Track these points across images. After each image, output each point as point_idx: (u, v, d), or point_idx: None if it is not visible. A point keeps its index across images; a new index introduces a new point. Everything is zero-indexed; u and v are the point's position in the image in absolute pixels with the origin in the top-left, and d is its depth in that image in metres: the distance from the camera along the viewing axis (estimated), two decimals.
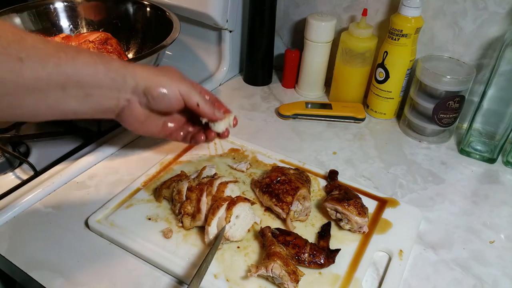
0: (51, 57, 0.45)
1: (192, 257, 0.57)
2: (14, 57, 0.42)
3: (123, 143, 0.78)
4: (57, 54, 0.45)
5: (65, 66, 0.46)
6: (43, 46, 0.45)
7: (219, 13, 0.91)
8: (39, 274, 0.55)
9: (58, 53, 0.45)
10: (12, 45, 0.42)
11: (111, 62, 0.51)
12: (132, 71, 0.52)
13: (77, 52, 0.47)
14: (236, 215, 0.58)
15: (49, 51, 0.45)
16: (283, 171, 0.67)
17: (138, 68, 0.53)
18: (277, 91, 1.00)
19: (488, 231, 0.66)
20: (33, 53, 0.43)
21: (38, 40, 0.45)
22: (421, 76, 0.80)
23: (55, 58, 0.45)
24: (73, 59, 0.46)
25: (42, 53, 0.44)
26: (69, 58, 0.46)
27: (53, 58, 0.45)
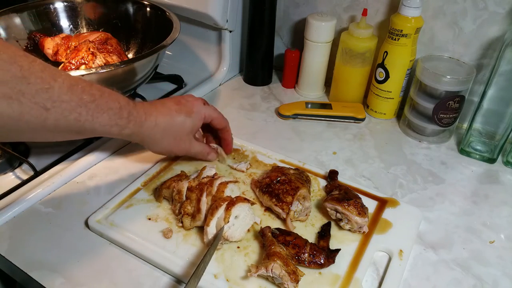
0: (73, 112, 0.49)
1: (192, 257, 0.57)
2: (41, 105, 0.46)
3: (124, 143, 0.78)
4: (78, 110, 0.49)
5: (84, 122, 0.50)
6: (68, 98, 0.48)
7: (219, 13, 0.91)
8: (39, 274, 0.55)
9: (80, 109, 0.49)
10: (41, 93, 0.45)
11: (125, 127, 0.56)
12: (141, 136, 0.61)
13: (98, 111, 0.52)
14: (235, 216, 0.58)
15: (72, 105, 0.49)
16: (283, 171, 0.67)
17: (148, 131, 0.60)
18: (277, 91, 1.00)
19: (488, 231, 0.66)
20: (58, 105, 0.47)
21: (64, 89, 0.48)
22: (421, 76, 0.80)
23: (76, 114, 0.49)
24: (92, 118, 0.51)
25: (65, 107, 0.48)
26: (89, 116, 0.51)
27: (74, 113, 0.49)
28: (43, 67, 0.46)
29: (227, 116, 0.90)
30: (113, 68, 0.70)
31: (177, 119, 0.62)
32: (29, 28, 0.89)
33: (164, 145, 0.64)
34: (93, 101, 0.51)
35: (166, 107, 0.62)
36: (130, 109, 0.56)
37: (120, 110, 0.54)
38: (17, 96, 0.43)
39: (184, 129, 0.64)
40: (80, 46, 0.81)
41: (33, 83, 0.44)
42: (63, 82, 0.47)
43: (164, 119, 0.61)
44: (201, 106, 0.66)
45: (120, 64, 0.72)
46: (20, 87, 0.43)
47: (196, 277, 0.50)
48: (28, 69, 0.44)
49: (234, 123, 0.87)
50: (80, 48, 0.81)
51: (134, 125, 0.57)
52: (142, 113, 0.58)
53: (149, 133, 0.60)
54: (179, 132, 0.63)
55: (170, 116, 0.62)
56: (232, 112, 0.91)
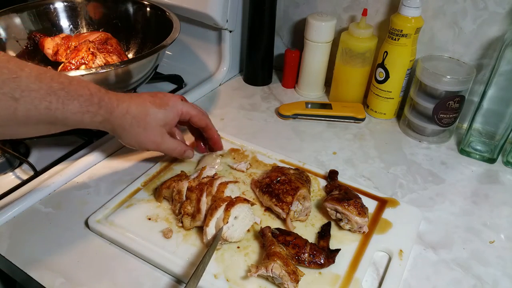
0: (43, 100, 0.48)
1: (192, 257, 0.57)
2: (9, 96, 0.45)
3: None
4: (48, 98, 0.48)
5: (54, 110, 0.50)
6: (37, 87, 0.47)
7: (219, 13, 0.91)
8: (39, 274, 0.55)
9: (49, 97, 0.49)
10: (8, 83, 0.45)
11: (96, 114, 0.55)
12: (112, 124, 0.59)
13: (69, 98, 0.51)
14: (234, 216, 0.58)
15: (42, 94, 0.48)
16: (283, 171, 0.67)
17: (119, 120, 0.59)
18: (277, 91, 1.00)
19: (488, 231, 0.66)
20: (27, 94, 0.46)
21: (32, 78, 0.47)
22: (421, 76, 0.80)
23: (47, 102, 0.48)
24: (63, 106, 0.50)
25: (34, 95, 0.47)
26: (59, 104, 0.50)
27: (44, 102, 0.48)
28: (8, 58, 0.46)
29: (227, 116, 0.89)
30: (113, 68, 0.70)
31: (149, 109, 0.61)
32: (29, 28, 0.89)
33: (134, 135, 0.62)
34: (62, 89, 0.50)
35: (140, 98, 0.62)
36: (101, 96, 0.55)
37: (90, 96, 0.54)
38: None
39: (155, 120, 0.62)
40: (80, 46, 0.81)
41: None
42: (30, 71, 0.47)
43: (136, 108, 0.60)
44: (178, 102, 0.65)
45: (120, 64, 0.72)
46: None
47: (195, 278, 0.50)
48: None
49: (234, 123, 0.87)
50: (80, 48, 0.81)
51: (105, 111, 0.56)
52: (114, 99, 0.57)
53: (120, 121, 0.59)
54: (150, 123, 0.62)
55: (143, 105, 0.61)
56: (232, 112, 0.91)
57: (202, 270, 0.52)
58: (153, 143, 0.64)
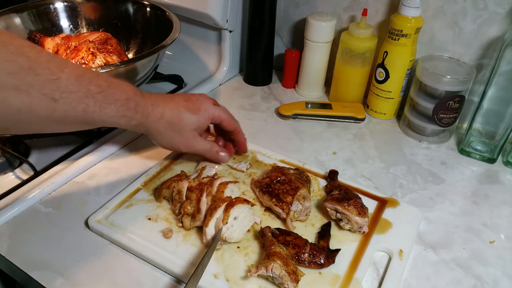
0: (81, 103, 0.49)
1: (192, 257, 0.57)
2: (49, 97, 0.46)
3: (123, 143, 0.78)
4: (86, 101, 0.49)
5: (92, 113, 0.51)
6: (76, 88, 0.48)
7: (219, 13, 0.91)
8: (39, 274, 0.55)
9: (87, 99, 0.49)
10: (49, 84, 0.46)
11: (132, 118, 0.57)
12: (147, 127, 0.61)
13: (106, 102, 0.52)
14: (234, 217, 0.58)
15: (80, 96, 0.49)
16: (283, 171, 0.67)
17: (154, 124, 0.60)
18: (277, 91, 1.00)
19: (488, 231, 0.66)
20: (66, 96, 0.47)
21: (72, 80, 0.48)
22: (421, 76, 0.80)
23: (84, 105, 0.49)
24: (100, 109, 0.51)
25: (73, 97, 0.48)
26: (97, 107, 0.51)
27: (82, 104, 0.49)
28: (50, 58, 0.46)
29: None
30: (113, 68, 0.70)
31: (183, 114, 0.63)
32: (29, 28, 0.89)
33: (168, 138, 0.64)
34: (100, 92, 0.51)
35: (174, 102, 0.63)
36: (137, 100, 0.56)
37: (127, 101, 0.55)
38: (26, 88, 0.44)
39: (188, 125, 0.64)
40: (80, 46, 0.81)
41: (41, 74, 0.45)
42: (70, 73, 0.48)
43: (170, 113, 0.61)
44: (210, 106, 0.66)
45: (120, 64, 0.72)
46: (28, 78, 0.44)
47: (195, 279, 0.50)
48: (35, 60, 0.44)
49: None
50: (80, 48, 0.81)
51: (141, 116, 0.58)
52: (149, 104, 0.59)
53: (154, 125, 0.61)
54: (183, 127, 0.63)
55: (176, 110, 0.62)
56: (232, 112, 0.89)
57: (201, 271, 0.52)
58: (186, 146, 0.66)
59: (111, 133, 0.80)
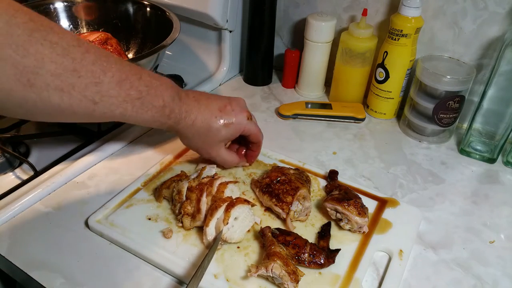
0: (119, 107, 0.50)
1: (192, 257, 0.57)
2: (90, 99, 0.47)
3: (123, 143, 0.78)
4: (124, 105, 0.51)
5: (128, 117, 0.52)
6: (116, 93, 0.49)
7: (219, 13, 0.91)
8: (39, 274, 0.55)
9: (125, 104, 0.51)
10: (90, 87, 0.46)
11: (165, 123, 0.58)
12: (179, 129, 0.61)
13: (143, 108, 0.53)
14: (234, 217, 0.58)
15: (119, 101, 0.50)
16: (283, 171, 0.67)
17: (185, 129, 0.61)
18: (277, 91, 1.00)
19: (488, 231, 0.66)
20: (106, 100, 0.48)
21: (113, 84, 0.49)
22: (421, 76, 0.80)
23: (122, 109, 0.51)
24: (136, 115, 0.53)
25: (113, 101, 0.49)
26: (134, 112, 0.52)
27: (120, 109, 0.50)
28: (95, 59, 0.47)
29: None
30: None
31: (213, 125, 0.62)
32: None
33: (194, 143, 0.65)
34: (139, 98, 0.52)
35: (208, 111, 0.62)
36: (173, 107, 0.57)
37: (163, 108, 0.56)
38: (68, 89, 0.44)
39: (217, 136, 0.64)
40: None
41: (84, 77, 0.45)
42: (112, 76, 0.48)
43: (202, 122, 0.62)
44: (243, 120, 0.65)
45: None
46: (71, 80, 0.44)
47: (195, 280, 0.50)
48: (80, 62, 0.45)
49: None
50: None
51: (173, 121, 0.59)
52: (183, 110, 0.59)
53: (184, 130, 0.62)
54: (211, 137, 0.64)
55: (208, 120, 0.62)
56: None
57: (201, 274, 0.52)
58: (208, 154, 0.67)
59: (111, 133, 0.80)
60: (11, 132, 0.78)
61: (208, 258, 0.54)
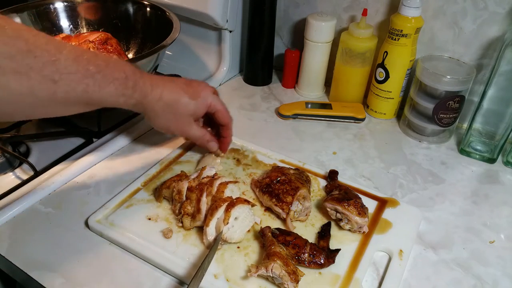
0: (81, 83, 0.49)
1: (192, 257, 0.57)
2: (49, 78, 0.46)
3: (123, 143, 0.78)
4: (86, 81, 0.50)
5: (91, 93, 0.51)
6: (75, 69, 0.48)
7: (219, 13, 0.91)
8: (39, 274, 0.55)
9: (87, 79, 0.50)
10: (48, 66, 0.46)
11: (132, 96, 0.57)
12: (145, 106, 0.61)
13: (105, 81, 0.52)
14: (234, 217, 0.58)
15: (79, 77, 0.49)
16: (283, 171, 0.67)
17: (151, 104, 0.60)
18: (277, 91, 1.00)
19: (488, 231, 0.66)
20: (65, 77, 0.47)
21: (70, 61, 0.48)
22: (421, 76, 0.80)
23: (84, 85, 0.50)
24: (100, 88, 0.51)
25: (72, 78, 0.48)
26: (96, 86, 0.51)
27: (82, 85, 0.49)
28: (48, 40, 0.46)
29: None
30: None
31: (182, 98, 0.63)
32: None
33: (164, 120, 0.64)
34: (99, 72, 0.51)
35: (174, 84, 0.63)
36: (136, 79, 0.56)
37: (126, 80, 0.55)
38: (25, 70, 0.44)
39: (186, 110, 0.64)
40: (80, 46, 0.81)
41: (39, 56, 0.45)
42: (68, 53, 0.48)
43: (169, 95, 0.61)
44: (209, 94, 0.66)
45: None
46: (27, 61, 0.44)
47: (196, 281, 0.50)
48: (33, 43, 0.44)
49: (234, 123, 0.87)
50: None
51: (139, 95, 0.57)
52: (148, 84, 0.59)
53: (152, 106, 0.61)
54: (181, 110, 0.63)
55: (176, 93, 0.62)
56: (232, 112, 0.89)
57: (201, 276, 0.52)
58: (181, 130, 0.67)
59: (111, 133, 0.80)
60: (11, 132, 0.78)
61: (208, 259, 0.54)
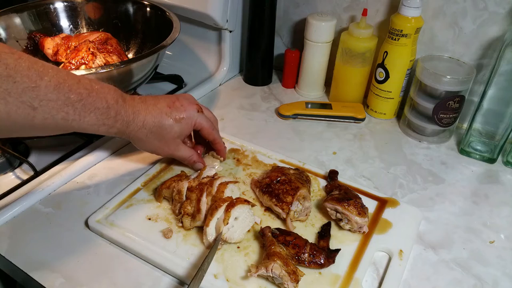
0: (60, 111, 0.49)
1: (192, 257, 0.57)
2: (28, 104, 0.45)
3: (124, 143, 0.78)
4: (66, 109, 0.49)
5: (71, 122, 0.50)
6: (55, 97, 0.47)
7: (219, 13, 0.91)
8: (39, 274, 0.55)
9: (67, 108, 0.49)
10: (27, 92, 0.45)
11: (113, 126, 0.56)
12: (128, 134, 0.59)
13: (85, 111, 0.51)
14: (235, 217, 0.58)
15: (59, 104, 0.48)
16: (283, 171, 0.67)
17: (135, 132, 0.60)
18: (277, 91, 1.00)
19: (488, 231, 0.66)
20: (45, 104, 0.47)
21: (51, 88, 0.47)
22: (421, 76, 0.80)
23: (64, 113, 0.49)
24: (80, 117, 0.51)
25: (52, 106, 0.47)
26: (76, 115, 0.50)
27: (62, 113, 0.49)
28: (30, 65, 0.45)
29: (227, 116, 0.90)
30: (113, 68, 0.70)
31: (165, 122, 0.61)
32: (29, 28, 0.89)
33: (149, 145, 0.63)
34: (80, 101, 0.50)
35: (157, 108, 0.61)
36: (118, 109, 0.55)
37: (107, 109, 0.54)
38: (3, 95, 0.43)
39: (171, 133, 0.63)
40: (80, 46, 0.81)
41: (19, 82, 0.44)
42: (49, 80, 0.47)
43: (152, 121, 0.60)
44: (193, 113, 0.64)
45: (120, 64, 0.72)
46: (5, 86, 0.43)
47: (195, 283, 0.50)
48: (13, 67, 0.44)
49: (234, 123, 0.87)
50: (80, 48, 0.81)
51: (121, 124, 0.57)
52: (130, 112, 0.58)
53: (135, 133, 0.60)
54: (165, 135, 0.62)
55: (159, 118, 0.61)
56: (232, 112, 0.91)
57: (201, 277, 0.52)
58: (166, 153, 0.66)
59: None
60: None
61: (208, 260, 0.54)
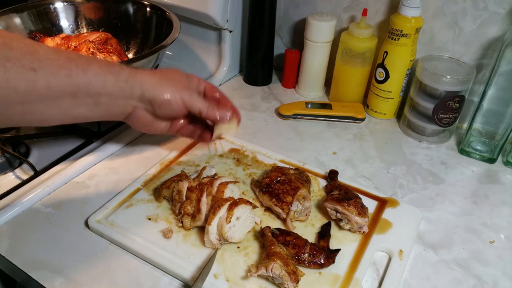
0: (63, 68, 0.47)
1: (192, 257, 0.57)
2: (28, 67, 0.44)
3: (123, 143, 0.78)
4: (68, 65, 0.47)
5: (76, 76, 0.48)
6: (55, 57, 0.46)
7: (219, 13, 0.91)
8: (39, 274, 0.55)
9: (69, 64, 0.48)
10: (26, 56, 0.44)
11: (120, 72, 0.53)
12: (139, 80, 0.55)
13: (88, 63, 0.50)
14: (236, 217, 0.58)
15: (61, 62, 0.47)
16: (283, 171, 0.67)
17: (145, 76, 0.56)
18: (277, 91, 1.00)
19: (488, 231, 0.66)
20: (46, 64, 0.45)
21: (50, 51, 0.47)
22: (421, 76, 0.80)
23: (66, 69, 0.47)
24: (84, 70, 0.49)
25: (54, 64, 0.46)
26: (80, 69, 0.48)
27: (64, 69, 0.47)
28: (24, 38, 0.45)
29: None
30: None
31: (172, 70, 0.60)
32: (29, 28, 0.89)
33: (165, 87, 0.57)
34: (81, 57, 0.49)
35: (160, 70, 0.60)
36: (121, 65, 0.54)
37: (109, 62, 0.53)
38: (1, 62, 0.42)
39: (181, 78, 0.60)
40: (80, 46, 0.81)
41: (16, 48, 0.44)
42: (47, 48, 0.47)
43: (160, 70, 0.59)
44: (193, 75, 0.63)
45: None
46: (3, 52, 0.42)
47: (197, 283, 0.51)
48: (9, 37, 0.44)
49: None
50: (80, 48, 0.81)
51: (129, 70, 0.54)
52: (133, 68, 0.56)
53: (147, 78, 0.55)
54: (177, 78, 0.59)
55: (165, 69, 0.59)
56: None
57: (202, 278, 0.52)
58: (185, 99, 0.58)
59: (111, 133, 0.80)
60: (11, 132, 0.78)
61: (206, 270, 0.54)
